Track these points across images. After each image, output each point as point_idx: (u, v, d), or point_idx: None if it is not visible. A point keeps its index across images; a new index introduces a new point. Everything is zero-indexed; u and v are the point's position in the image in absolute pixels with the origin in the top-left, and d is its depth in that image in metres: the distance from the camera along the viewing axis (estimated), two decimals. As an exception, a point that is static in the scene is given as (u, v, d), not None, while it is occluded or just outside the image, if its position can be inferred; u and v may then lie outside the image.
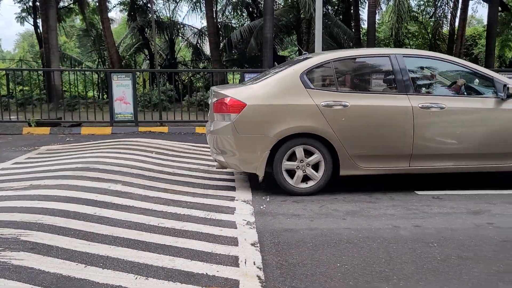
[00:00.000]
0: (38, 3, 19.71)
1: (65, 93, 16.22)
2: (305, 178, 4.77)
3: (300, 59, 5.16)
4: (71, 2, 23.80)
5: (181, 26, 24.36)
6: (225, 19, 24.22)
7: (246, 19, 24.51)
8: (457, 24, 18.45)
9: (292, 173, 4.75)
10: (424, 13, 24.68)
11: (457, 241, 3.44)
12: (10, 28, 79.38)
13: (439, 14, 20.60)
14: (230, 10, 24.14)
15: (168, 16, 25.10)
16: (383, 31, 26.34)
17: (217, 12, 22.83)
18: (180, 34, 24.91)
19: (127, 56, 24.20)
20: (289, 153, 4.69)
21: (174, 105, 11.81)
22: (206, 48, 23.93)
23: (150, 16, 17.66)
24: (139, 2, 23.30)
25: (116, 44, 20.81)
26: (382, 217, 4.05)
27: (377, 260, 3.11)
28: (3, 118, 10.51)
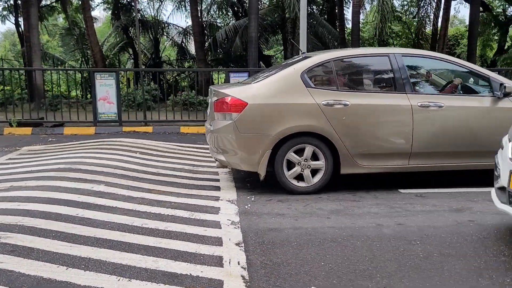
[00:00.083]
0: (19, 1, 19.36)
1: (48, 92, 15.97)
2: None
3: (299, 58, 5.19)
4: (54, 1, 23.42)
5: (166, 25, 24.16)
6: (210, 18, 24.10)
7: (231, 19, 24.43)
8: (439, 24, 18.62)
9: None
10: (407, 13, 24.93)
11: (439, 238, 3.49)
12: (-9, 27, 78.01)
13: (422, 14, 20.81)
14: (215, 9, 24.03)
15: (152, 15, 24.89)
16: (367, 31, 26.53)
17: (202, 11, 22.73)
18: (165, 33, 24.68)
19: (111, 55, 23.92)
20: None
21: (158, 105, 11.74)
22: (191, 47, 23.80)
23: (134, 15, 17.47)
24: (123, 1, 23.06)
25: (99, 43, 20.54)
26: (366, 215, 4.09)
27: (361, 259, 3.13)
28: (-17, 118, 10.31)
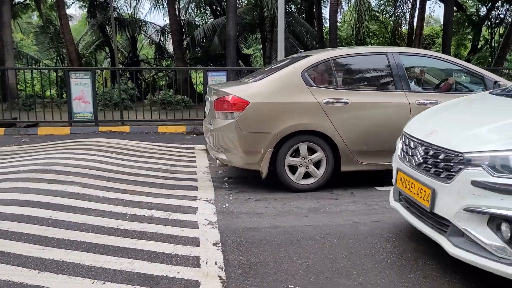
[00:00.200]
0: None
1: (21, 92, 15.57)
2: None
3: (298, 57, 5.23)
4: (27, -2, 22.88)
5: (143, 23, 23.85)
6: (188, 16, 23.90)
7: (209, 17, 24.28)
8: (415, 23, 18.90)
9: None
10: (384, 12, 25.24)
11: (415, 235, 3.53)
12: (-38, 24, 75.50)
13: (398, 13, 21.07)
14: (193, 8, 23.83)
15: (129, 13, 24.55)
16: (345, 30, 26.76)
17: (180, 9, 22.51)
18: (142, 32, 24.37)
19: (87, 54, 23.50)
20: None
21: (136, 104, 11.59)
22: (169, 46, 23.55)
23: (110, 13, 17.20)
24: (98, -1, 22.67)
25: (75, 41, 20.16)
26: (343, 213, 4.11)
27: (338, 256, 3.15)
28: (-47, 119, 9.98)
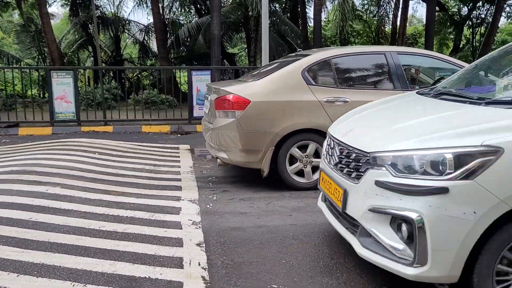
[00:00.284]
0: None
1: (2, 92, 15.29)
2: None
3: (296, 56, 5.25)
4: (7, -4, 22.45)
5: (127, 22, 23.60)
6: (172, 15, 23.75)
7: (194, 16, 24.17)
8: (398, 23, 19.10)
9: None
10: (368, 12, 25.42)
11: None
12: None
13: (382, 13, 21.26)
14: (177, 7, 23.70)
15: (113, 11, 24.28)
16: (330, 29, 26.88)
17: (164, 8, 22.34)
18: (126, 31, 24.11)
19: (70, 53, 23.15)
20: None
21: (119, 104, 11.46)
22: (154, 45, 23.35)
23: (93, 11, 16.96)
24: (81, -4, 22.36)
25: (57, 40, 19.83)
26: (327, 212, 4.12)
27: (321, 255, 3.15)
28: None
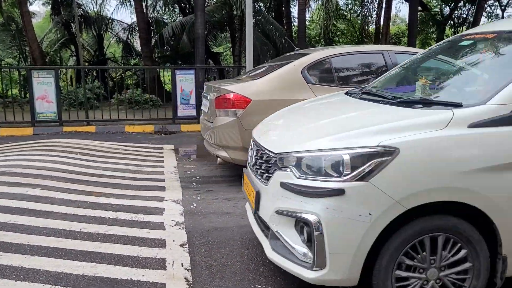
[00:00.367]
0: None
1: (-19, 92, 14.98)
2: None
3: (295, 55, 5.26)
4: (-14, -6, 21.99)
5: (110, 21, 23.33)
6: (156, 14, 23.56)
7: (178, 15, 24.00)
8: (382, 22, 19.26)
9: None
10: (351, 11, 25.60)
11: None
12: None
13: (366, 12, 21.43)
14: (161, 6, 23.52)
15: (95, 10, 23.97)
16: (314, 29, 26.99)
17: (148, 7, 22.15)
18: (109, 30, 23.82)
19: (52, 52, 22.78)
20: None
21: (102, 104, 11.32)
22: (137, 44, 23.13)
23: (74, 10, 16.72)
24: (62, -5, 22.02)
25: (39, 39, 19.50)
26: (311, 211, 4.12)
27: (305, 254, 3.14)
28: None
